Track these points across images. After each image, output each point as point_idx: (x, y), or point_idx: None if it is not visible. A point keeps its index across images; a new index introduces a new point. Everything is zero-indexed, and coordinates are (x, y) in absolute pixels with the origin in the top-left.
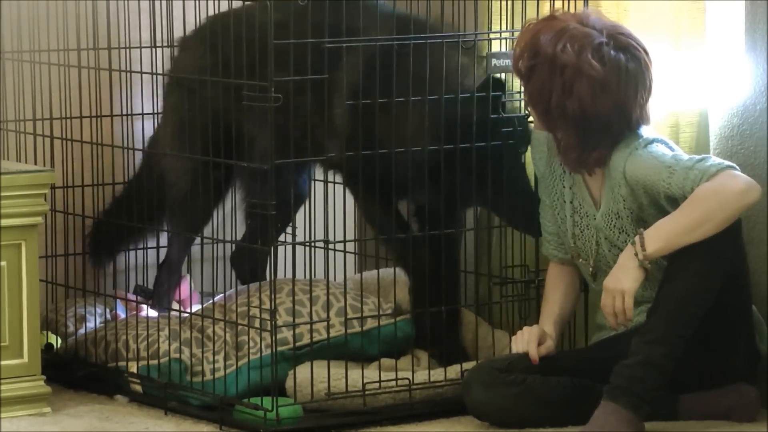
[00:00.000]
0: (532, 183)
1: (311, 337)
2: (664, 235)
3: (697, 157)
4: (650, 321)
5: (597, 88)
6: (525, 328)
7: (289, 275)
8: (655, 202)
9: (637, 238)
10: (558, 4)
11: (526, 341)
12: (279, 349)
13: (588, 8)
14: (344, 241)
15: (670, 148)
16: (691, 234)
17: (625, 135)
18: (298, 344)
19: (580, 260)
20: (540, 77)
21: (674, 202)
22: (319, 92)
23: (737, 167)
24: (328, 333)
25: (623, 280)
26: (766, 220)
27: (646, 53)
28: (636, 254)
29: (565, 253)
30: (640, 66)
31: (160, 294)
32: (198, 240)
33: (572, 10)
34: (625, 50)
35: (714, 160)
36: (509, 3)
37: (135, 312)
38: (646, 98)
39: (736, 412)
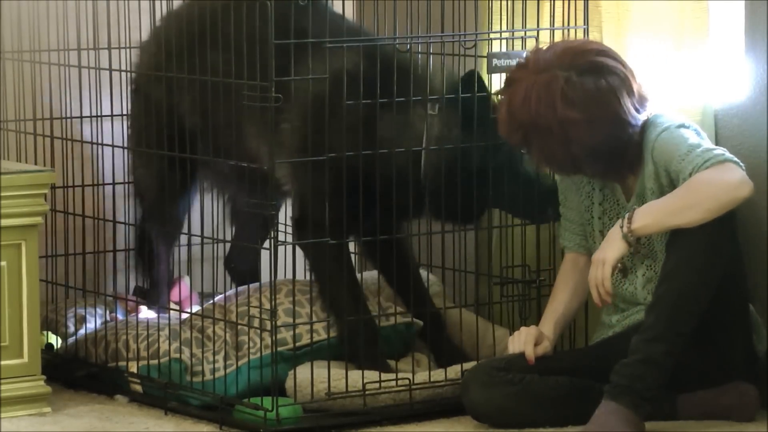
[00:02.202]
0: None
1: (311, 338)
2: (652, 212)
3: (714, 146)
4: (649, 319)
5: (586, 125)
6: (522, 329)
7: (289, 275)
8: (673, 187)
9: (627, 213)
10: (558, 5)
11: (522, 341)
12: (279, 349)
13: (544, 46)
14: (344, 242)
15: (700, 136)
16: (678, 216)
17: (648, 120)
18: (297, 345)
19: None
20: (537, 142)
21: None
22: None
23: (742, 164)
24: (328, 333)
25: (606, 250)
26: (766, 220)
27: (608, 52)
28: (622, 227)
29: (584, 240)
30: (609, 75)
31: (155, 296)
32: (198, 240)
33: (572, 10)
34: (590, 72)
35: (724, 152)
36: (509, 3)
37: (135, 312)
38: (630, 89)
39: (736, 412)
